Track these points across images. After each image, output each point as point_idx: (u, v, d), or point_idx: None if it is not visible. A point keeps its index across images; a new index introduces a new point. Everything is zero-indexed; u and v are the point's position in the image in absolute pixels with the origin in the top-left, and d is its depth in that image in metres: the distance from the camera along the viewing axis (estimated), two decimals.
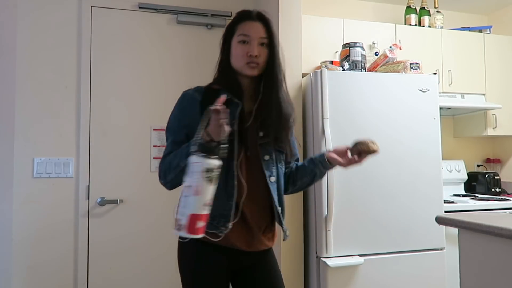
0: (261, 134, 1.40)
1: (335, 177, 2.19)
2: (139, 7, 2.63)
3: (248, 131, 1.39)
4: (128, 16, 2.62)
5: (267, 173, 1.40)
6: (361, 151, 1.36)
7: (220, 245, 1.35)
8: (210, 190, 1.15)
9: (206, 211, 1.16)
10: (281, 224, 1.46)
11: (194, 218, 1.13)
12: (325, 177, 2.17)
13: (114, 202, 2.52)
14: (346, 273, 2.19)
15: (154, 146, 2.61)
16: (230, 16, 2.78)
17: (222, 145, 1.18)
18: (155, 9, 2.66)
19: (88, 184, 2.49)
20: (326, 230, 2.18)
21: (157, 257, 2.58)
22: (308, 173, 1.48)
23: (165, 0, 2.68)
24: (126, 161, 2.57)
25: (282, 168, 1.47)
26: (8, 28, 2.41)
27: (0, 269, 2.33)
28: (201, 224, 1.14)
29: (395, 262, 2.28)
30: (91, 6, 2.55)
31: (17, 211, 2.36)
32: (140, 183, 2.58)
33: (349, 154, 1.38)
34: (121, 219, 2.53)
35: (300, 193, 2.35)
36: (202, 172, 1.13)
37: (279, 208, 1.43)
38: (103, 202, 2.51)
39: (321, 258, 2.19)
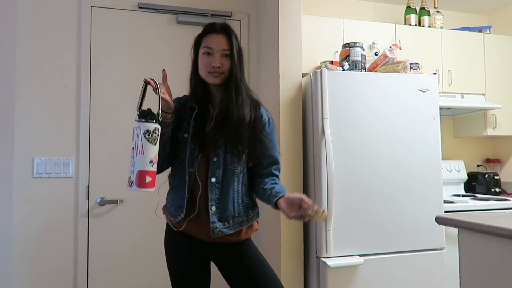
0: (216, 137, 1.53)
1: (335, 177, 2.19)
2: (139, 7, 2.63)
3: (208, 134, 1.54)
4: (128, 16, 2.62)
5: (209, 174, 1.53)
6: (308, 215, 1.37)
7: (186, 233, 1.57)
8: (152, 149, 1.33)
9: (152, 167, 1.33)
10: (210, 222, 1.53)
11: (141, 173, 1.31)
12: (324, 177, 2.18)
13: (114, 202, 2.52)
14: (346, 273, 2.19)
15: None
16: (230, 16, 2.78)
17: (159, 112, 1.37)
18: (155, 9, 2.66)
19: (88, 184, 2.49)
20: (326, 230, 2.18)
21: (157, 257, 2.58)
22: (264, 199, 1.59)
23: (165, 0, 2.68)
24: (126, 161, 2.54)
25: (235, 170, 1.55)
26: (8, 28, 2.41)
27: (0, 269, 2.33)
28: (149, 179, 1.32)
29: (395, 262, 2.28)
30: (91, 6, 2.55)
31: (17, 211, 2.37)
32: None
33: (300, 207, 1.40)
34: (121, 219, 2.54)
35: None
36: (143, 134, 1.31)
37: (213, 208, 1.53)
38: (103, 202, 2.51)
39: (321, 258, 2.19)
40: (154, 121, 1.35)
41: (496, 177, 3.24)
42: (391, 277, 2.26)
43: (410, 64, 2.48)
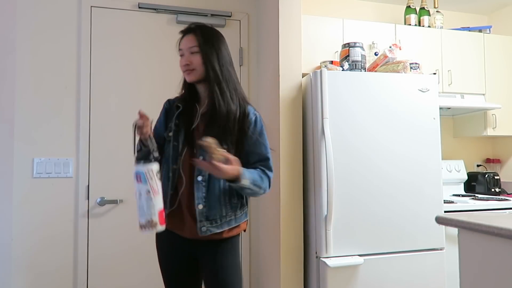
0: (203, 134, 1.53)
1: (335, 177, 2.19)
2: (139, 7, 2.63)
3: (195, 132, 1.57)
4: (128, 16, 2.62)
5: (196, 173, 1.54)
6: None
7: (171, 231, 1.59)
8: (161, 186, 1.41)
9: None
10: (197, 221, 1.54)
11: (162, 212, 1.41)
12: (324, 177, 2.18)
13: (114, 202, 2.52)
14: (346, 273, 2.19)
15: None
16: (230, 16, 2.78)
17: (153, 151, 1.42)
18: (154, 9, 2.66)
19: (88, 184, 2.49)
20: (326, 230, 2.18)
21: (156, 257, 2.58)
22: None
23: (165, 0, 2.68)
24: (126, 161, 2.56)
25: None
26: (8, 29, 2.41)
27: (0, 269, 2.33)
28: (165, 214, 1.44)
29: (395, 262, 2.28)
30: (91, 6, 2.55)
31: (17, 211, 2.36)
32: None
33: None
34: (121, 219, 2.53)
35: (300, 194, 2.35)
36: (156, 175, 1.39)
37: (200, 206, 1.53)
38: (103, 202, 2.51)
39: (321, 258, 2.19)
40: (152, 160, 1.43)
41: (496, 177, 3.24)
42: (391, 277, 2.26)
43: (410, 64, 2.48)
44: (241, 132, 1.56)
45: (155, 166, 1.39)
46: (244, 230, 1.69)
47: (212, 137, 1.40)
